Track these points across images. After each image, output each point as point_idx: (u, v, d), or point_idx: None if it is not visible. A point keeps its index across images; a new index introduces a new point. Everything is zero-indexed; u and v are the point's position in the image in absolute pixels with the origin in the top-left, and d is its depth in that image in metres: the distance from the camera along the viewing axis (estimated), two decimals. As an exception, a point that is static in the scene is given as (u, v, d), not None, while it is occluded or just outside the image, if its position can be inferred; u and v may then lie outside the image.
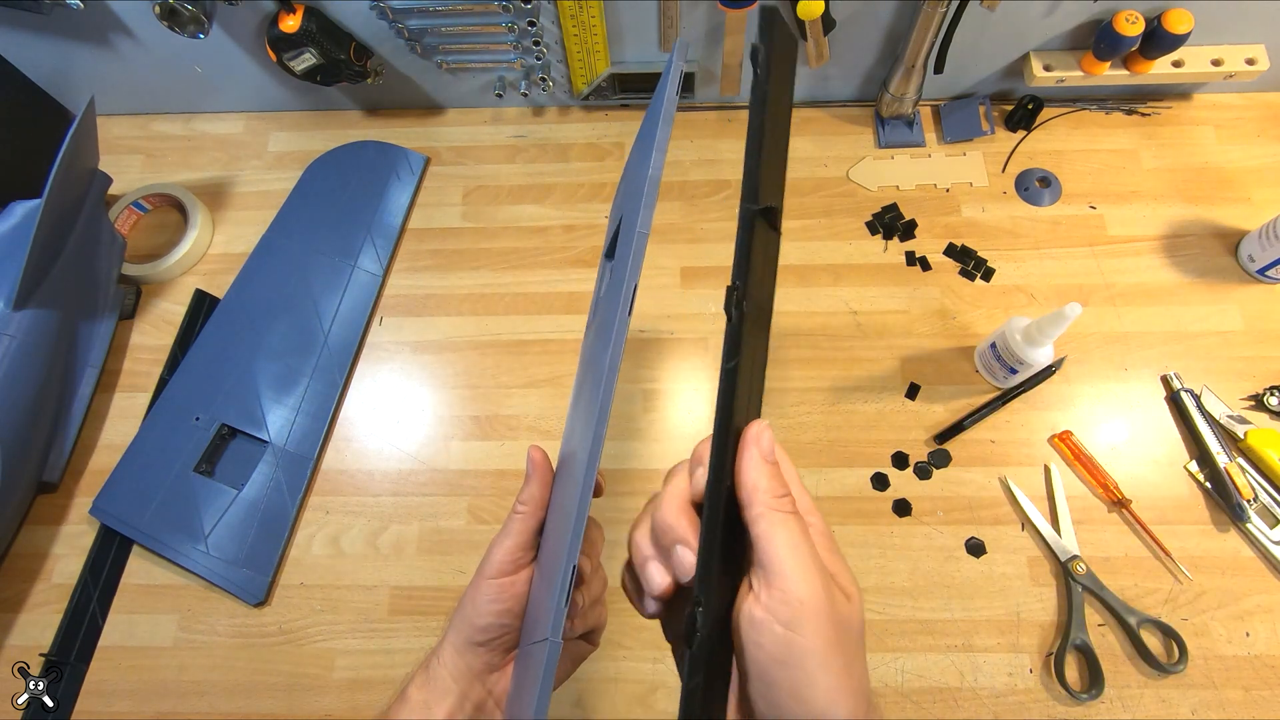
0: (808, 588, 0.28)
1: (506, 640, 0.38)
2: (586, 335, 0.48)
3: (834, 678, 0.27)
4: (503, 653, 0.38)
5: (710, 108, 0.80)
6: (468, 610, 0.38)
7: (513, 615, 0.37)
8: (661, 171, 0.31)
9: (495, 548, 0.38)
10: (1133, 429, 0.64)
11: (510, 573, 0.38)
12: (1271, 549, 0.59)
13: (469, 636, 0.37)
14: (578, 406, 0.40)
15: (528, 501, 0.39)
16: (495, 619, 0.37)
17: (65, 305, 0.67)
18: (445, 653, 0.38)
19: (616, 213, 0.47)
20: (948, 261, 0.72)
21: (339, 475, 0.66)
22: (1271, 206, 0.71)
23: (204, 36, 0.65)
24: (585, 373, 0.41)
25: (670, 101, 0.32)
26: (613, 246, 0.44)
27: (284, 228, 0.76)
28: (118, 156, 0.80)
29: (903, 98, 0.74)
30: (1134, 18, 0.65)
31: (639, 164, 0.36)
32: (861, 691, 0.28)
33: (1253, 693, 0.56)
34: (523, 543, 0.38)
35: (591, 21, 0.69)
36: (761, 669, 0.28)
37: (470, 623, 0.37)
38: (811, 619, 0.27)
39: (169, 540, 0.63)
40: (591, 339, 0.42)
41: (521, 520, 0.38)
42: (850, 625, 0.28)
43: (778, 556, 0.28)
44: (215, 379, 0.69)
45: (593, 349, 0.39)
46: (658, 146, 0.31)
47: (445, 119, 0.82)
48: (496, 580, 0.37)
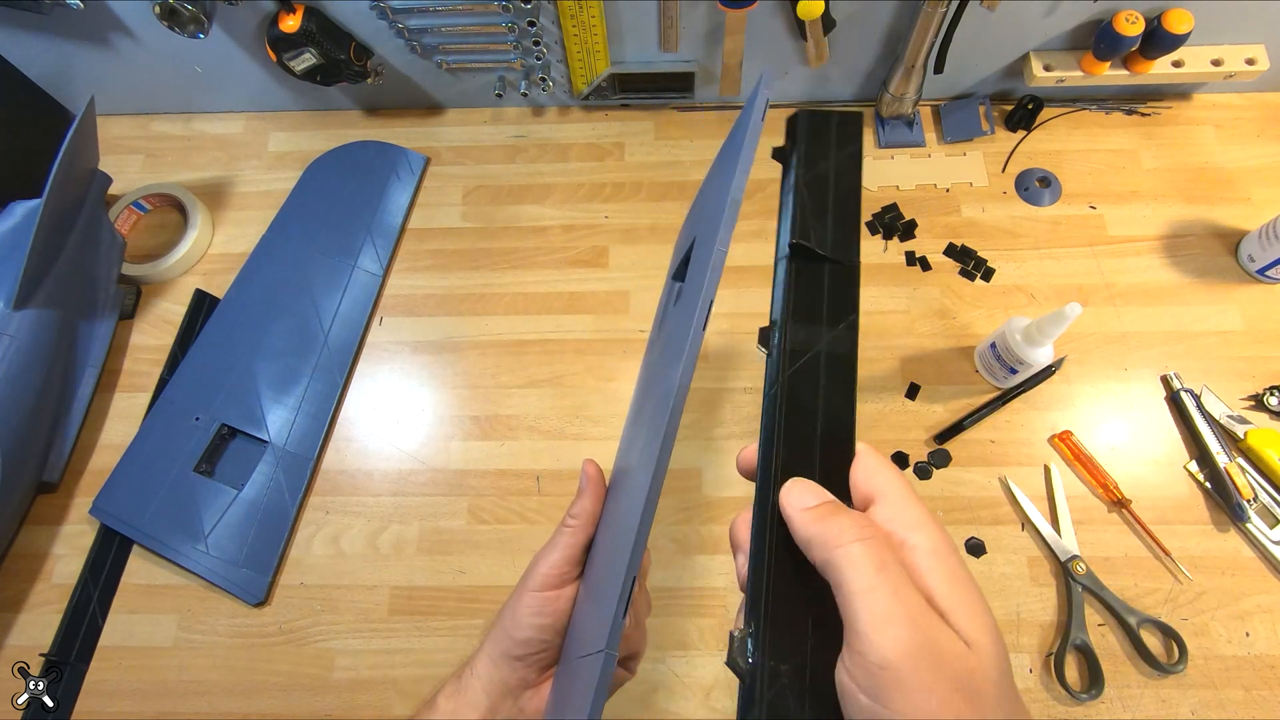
0: (892, 646, 0.22)
1: (544, 657, 0.36)
2: (650, 351, 0.48)
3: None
4: (539, 670, 0.37)
5: (710, 108, 0.80)
6: (507, 623, 0.36)
7: (554, 631, 0.36)
8: (742, 194, 0.31)
9: (541, 560, 0.37)
10: (1133, 429, 0.64)
11: (555, 587, 0.36)
12: (1271, 549, 0.59)
13: (506, 649, 0.36)
14: (639, 422, 0.39)
15: (579, 515, 0.37)
16: (536, 633, 0.36)
17: (65, 305, 0.67)
18: (480, 664, 0.37)
19: (687, 236, 0.47)
20: (948, 261, 0.72)
21: (339, 475, 0.66)
22: (1271, 206, 0.71)
23: (204, 36, 0.65)
24: (648, 388, 0.40)
25: (755, 128, 0.32)
26: (683, 269, 0.43)
27: (284, 228, 0.76)
28: (118, 156, 0.80)
29: (903, 98, 0.74)
30: (1134, 18, 0.65)
31: (718, 186, 0.37)
32: None
33: (1253, 693, 0.56)
34: (570, 556, 0.37)
35: (591, 21, 0.69)
36: None
37: (509, 635, 0.36)
38: (899, 687, 0.21)
39: (169, 540, 0.63)
40: (656, 355, 0.42)
41: (571, 534, 0.37)
42: (974, 682, 0.22)
43: (851, 608, 0.23)
44: (215, 379, 0.69)
45: (658, 365, 0.39)
46: (740, 169, 0.31)
47: (445, 119, 0.82)
48: (540, 594, 0.36)
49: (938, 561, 0.24)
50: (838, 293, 0.32)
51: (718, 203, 0.33)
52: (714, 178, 0.43)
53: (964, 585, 0.24)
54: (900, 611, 0.22)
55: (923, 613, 0.22)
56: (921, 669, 0.21)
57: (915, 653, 0.21)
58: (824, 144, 0.35)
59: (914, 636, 0.22)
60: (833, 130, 0.35)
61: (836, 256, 0.32)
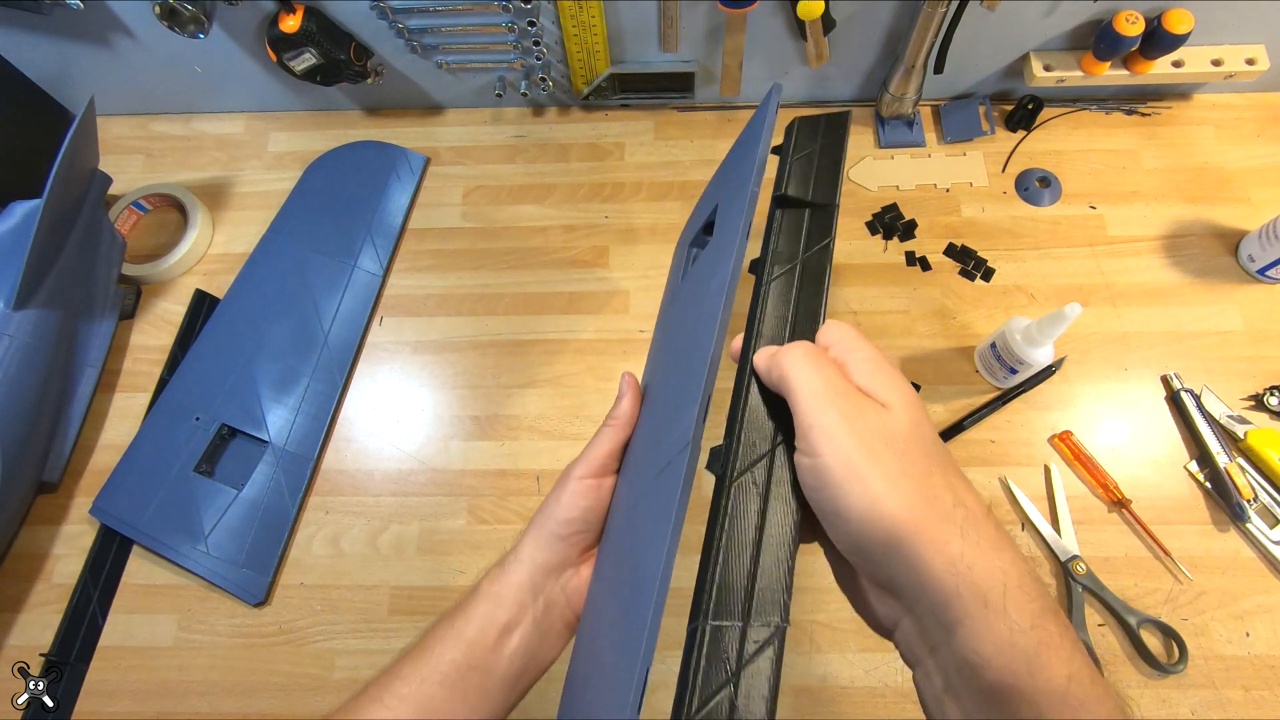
0: (819, 413, 0.28)
1: (585, 538, 0.40)
2: (671, 305, 0.54)
3: (870, 485, 0.26)
4: (580, 550, 0.40)
5: (710, 108, 0.80)
6: (553, 507, 0.40)
7: (596, 514, 0.40)
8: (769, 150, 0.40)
9: (590, 453, 0.41)
10: (1133, 429, 0.64)
11: (598, 476, 0.40)
12: (1271, 549, 0.59)
13: (553, 530, 0.40)
14: (670, 353, 0.45)
15: (619, 417, 0.42)
16: (580, 514, 0.39)
17: (65, 305, 0.67)
18: (524, 548, 0.40)
19: (705, 208, 0.53)
20: (948, 261, 0.72)
21: (339, 475, 0.66)
22: (1271, 206, 0.71)
23: (204, 36, 0.65)
24: (676, 330, 0.46)
25: (769, 127, 0.40)
26: (706, 230, 0.50)
27: (284, 228, 0.76)
28: (118, 156, 0.80)
29: (903, 98, 0.74)
30: (1134, 18, 0.65)
31: (740, 167, 0.44)
32: (924, 491, 0.26)
33: (1253, 693, 0.56)
34: (613, 451, 0.41)
35: (591, 21, 0.69)
36: (814, 506, 0.29)
37: (555, 517, 0.40)
38: (826, 440, 0.27)
39: (169, 540, 0.63)
40: (688, 290, 0.48)
41: (613, 432, 0.41)
42: (890, 433, 0.28)
43: (793, 399, 0.29)
44: (215, 379, 0.69)
45: (693, 292, 0.45)
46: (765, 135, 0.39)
47: (445, 119, 0.82)
48: (586, 480, 0.40)
49: (867, 364, 0.30)
50: (817, 227, 0.39)
51: (742, 171, 0.41)
52: (732, 164, 0.49)
53: (884, 371, 0.30)
54: (828, 390, 0.29)
55: (846, 389, 0.29)
56: (838, 426, 0.27)
57: (834, 415, 0.28)
58: (813, 133, 0.42)
59: (836, 402, 0.28)
60: (821, 125, 0.42)
61: (818, 201, 0.40)
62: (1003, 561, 0.26)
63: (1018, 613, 0.25)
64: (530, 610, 0.39)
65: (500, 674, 0.38)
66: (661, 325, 0.56)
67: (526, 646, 0.39)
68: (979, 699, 0.25)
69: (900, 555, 0.26)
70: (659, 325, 0.58)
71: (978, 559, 0.26)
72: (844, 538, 0.28)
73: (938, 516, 0.26)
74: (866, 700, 0.56)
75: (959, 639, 0.25)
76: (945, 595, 0.25)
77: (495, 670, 0.38)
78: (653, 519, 0.33)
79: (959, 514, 0.27)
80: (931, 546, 0.26)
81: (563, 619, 0.40)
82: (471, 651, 0.37)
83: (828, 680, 0.57)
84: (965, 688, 0.26)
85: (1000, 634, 0.25)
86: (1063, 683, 0.24)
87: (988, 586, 0.25)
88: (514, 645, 0.38)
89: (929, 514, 0.26)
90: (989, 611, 0.25)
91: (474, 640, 0.38)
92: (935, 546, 0.26)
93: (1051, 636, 0.25)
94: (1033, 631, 0.25)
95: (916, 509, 0.26)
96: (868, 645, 0.58)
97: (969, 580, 0.25)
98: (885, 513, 0.26)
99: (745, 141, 0.47)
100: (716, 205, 0.49)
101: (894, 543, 0.26)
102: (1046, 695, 0.24)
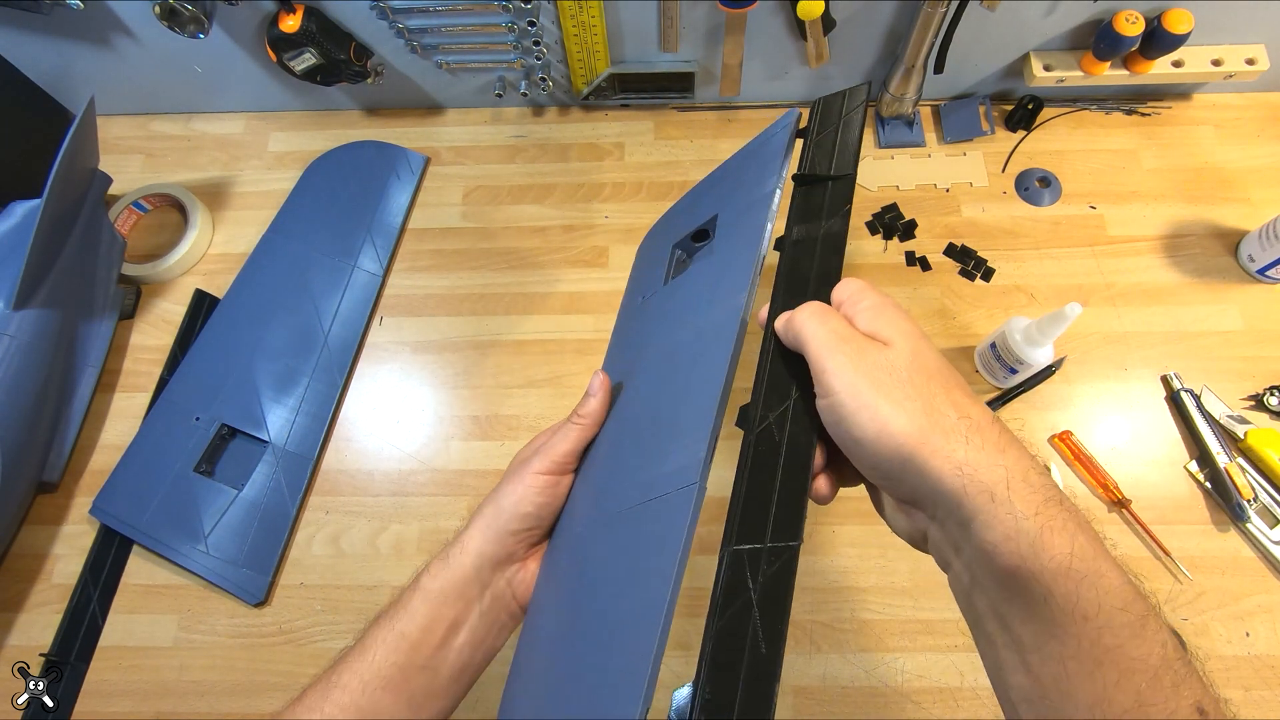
0: (828, 357, 0.31)
1: (536, 534, 0.41)
2: (646, 308, 0.54)
3: (878, 411, 0.29)
4: (528, 545, 0.41)
5: (710, 108, 0.80)
6: (506, 501, 0.40)
7: (551, 511, 0.41)
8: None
9: (551, 449, 0.41)
10: (1133, 429, 0.64)
11: (558, 474, 0.41)
12: (1271, 549, 0.59)
13: (505, 525, 0.40)
14: (654, 364, 0.45)
15: (587, 416, 0.42)
16: (535, 509, 0.40)
17: (65, 305, 0.67)
18: (471, 540, 0.40)
19: (699, 208, 0.53)
20: (948, 261, 0.72)
21: (339, 475, 0.66)
22: (1271, 206, 0.71)
23: (204, 36, 0.65)
24: (660, 339, 0.47)
25: (787, 153, 0.43)
26: (699, 236, 0.52)
27: (284, 228, 0.76)
28: (118, 156, 0.80)
29: (903, 98, 0.74)
30: (1134, 18, 0.65)
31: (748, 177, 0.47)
32: (928, 409, 0.29)
33: (1253, 693, 0.56)
34: (576, 451, 0.42)
35: (591, 21, 0.69)
36: (837, 441, 0.32)
37: (509, 511, 0.40)
38: (836, 379, 0.31)
39: (169, 540, 0.63)
40: (663, 323, 0.49)
41: (580, 431, 0.42)
42: (892, 364, 0.31)
43: (808, 351, 0.32)
44: (215, 379, 0.69)
45: (678, 336, 0.45)
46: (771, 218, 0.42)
47: (445, 119, 0.82)
48: (546, 476, 0.40)
49: (869, 311, 0.33)
50: (836, 197, 0.40)
51: (754, 217, 0.43)
52: (737, 183, 0.50)
53: (885, 314, 0.33)
54: (835, 337, 0.32)
55: (850, 334, 0.32)
56: (845, 366, 0.31)
57: (842, 357, 0.31)
58: (835, 112, 0.44)
59: (842, 347, 0.31)
60: (844, 100, 0.44)
61: (838, 174, 0.41)
62: (1006, 460, 0.28)
63: (1021, 503, 0.27)
64: (476, 605, 0.39)
65: (447, 671, 0.38)
66: (632, 324, 0.55)
67: (473, 640, 0.39)
68: (996, 584, 0.28)
69: (913, 468, 0.29)
70: (625, 321, 0.58)
71: (981, 461, 0.28)
72: (865, 461, 0.31)
73: (942, 430, 0.29)
74: (866, 700, 0.56)
75: (974, 533, 0.28)
76: (956, 496, 0.28)
77: (442, 668, 0.38)
78: (646, 553, 0.34)
79: (963, 425, 0.29)
80: (938, 456, 0.28)
81: (508, 611, 0.40)
82: (416, 652, 0.37)
83: (828, 680, 0.57)
84: (986, 577, 0.28)
85: (1006, 523, 0.27)
86: (1065, 559, 0.26)
87: (992, 483, 0.28)
88: (461, 641, 0.38)
89: (933, 429, 0.29)
90: (996, 504, 0.27)
91: (419, 641, 0.37)
92: (942, 455, 0.28)
93: (1053, 520, 0.27)
94: (1035, 518, 0.27)
95: (922, 426, 0.29)
96: (867, 645, 0.58)
97: (975, 480, 0.28)
98: (894, 432, 0.29)
99: (753, 163, 0.48)
100: (716, 215, 0.49)
101: (906, 457, 0.29)
102: (1051, 572, 0.26)
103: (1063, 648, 0.26)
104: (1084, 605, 0.26)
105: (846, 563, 0.60)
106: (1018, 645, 0.28)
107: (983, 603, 0.29)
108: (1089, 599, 0.26)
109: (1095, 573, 0.27)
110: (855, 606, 0.59)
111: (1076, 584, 0.26)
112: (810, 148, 0.43)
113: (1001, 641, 0.29)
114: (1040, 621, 0.27)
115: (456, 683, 0.39)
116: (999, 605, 0.28)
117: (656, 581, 0.32)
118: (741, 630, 0.30)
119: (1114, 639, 0.26)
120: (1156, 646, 0.26)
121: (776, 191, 0.42)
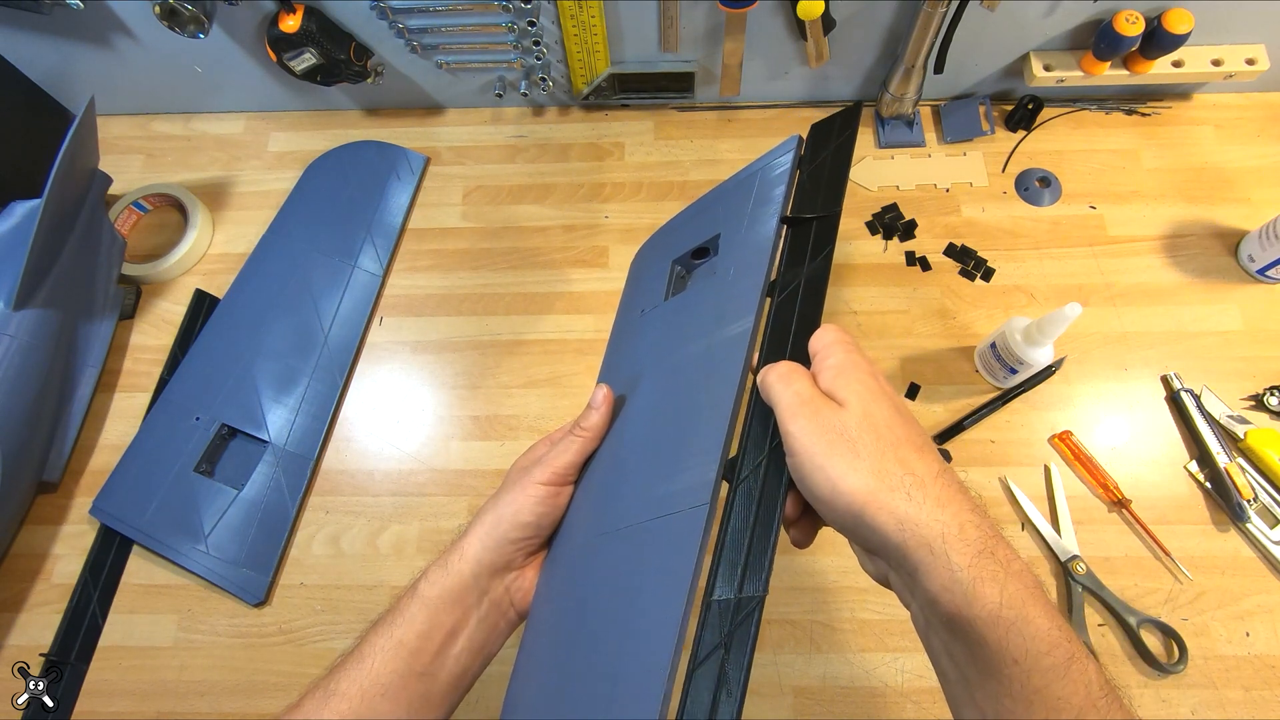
0: (790, 420, 0.34)
1: (534, 543, 0.42)
2: (645, 320, 0.54)
3: (830, 471, 0.32)
4: (526, 554, 0.42)
5: (710, 108, 0.80)
6: (506, 510, 0.41)
7: (550, 521, 0.42)
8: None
9: (552, 460, 0.42)
10: (1133, 429, 0.64)
11: (559, 484, 0.42)
12: (1271, 549, 0.59)
13: (505, 533, 0.40)
14: (658, 383, 0.46)
15: (590, 429, 0.43)
16: (535, 519, 0.41)
17: (65, 305, 0.67)
18: (470, 548, 0.40)
19: (700, 224, 0.54)
20: (948, 261, 0.72)
21: (339, 475, 0.66)
22: (1271, 206, 0.71)
23: (204, 36, 0.65)
24: (663, 358, 0.47)
25: (791, 176, 0.45)
26: (698, 253, 0.52)
27: (284, 228, 0.76)
28: (118, 156, 0.80)
29: (903, 98, 0.74)
30: (1134, 18, 0.65)
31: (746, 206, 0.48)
32: (875, 469, 0.31)
33: (1253, 693, 0.56)
34: (578, 463, 0.42)
35: (591, 21, 0.69)
36: (804, 494, 0.34)
37: (509, 520, 0.40)
38: (795, 440, 0.33)
39: (169, 540, 0.63)
40: (666, 340, 0.49)
41: (582, 444, 0.42)
42: (844, 426, 0.33)
43: (777, 413, 0.35)
44: (215, 379, 0.69)
45: (682, 359, 0.45)
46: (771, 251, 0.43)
47: (445, 119, 0.82)
48: (548, 486, 0.41)
49: (831, 370, 0.35)
50: (821, 235, 0.41)
51: (757, 253, 0.44)
52: (742, 206, 0.50)
53: (844, 374, 0.35)
54: (795, 399, 0.34)
55: (810, 396, 0.34)
56: (805, 429, 0.33)
57: (802, 419, 0.33)
58: (825, 140, 0.43)
59: (803, 410, 0.34)
60: (836, 125, 0.44)
61: (824, 212, 0.42)
62: (944, 515, 0.30)
63: (957, 555, 0.29)
64: (475, 612, 0.39)
65: (445, 677, 0.38)
66: (631, 338, 0.55)
67: (471, 647, 0.39)
68: (942, 628, 0.31)
69: (864, 523, 0.31)
70: (622, 333, 0.58)
71: (922, 516, 0.30)
72: (826, 515, 0.34)
73: (887, 487, 0.31)
74: (866, 700, 0.56)
75: (919, 583, 0.30)
76: (902, 549, 0.30)
77: (440, 674, 0.38)
78: (656, 570, 0.35)
79: (906, 481, 0.31)
80: (883, 512, 0.31)
81: (506, 617, 0.41)
82: (415, 659, 0.38)
83: (828, 680, 0.57)
84: (934, 621, 0.31)
85: (944, 574, 0.29)
86: (994, 608, 0.29)
87: (931, 537, 0.30)
88: (459, 648, 0.39)
89: (880, 486, 0.31)
90: (934, 557, 0.30)
91: (417, 648, 0.38)
92: (886, 511, 0.31)
93: (984, 571, 0.29)
94: (969, 569, 0.29)
95: (869, 484, 0.31)
96: (867, 645, 0.58)
97: (915, 534, 0.30)
98: (844, 491, 0.31)
99: (754, 187, 0.49)
100: (719, 234, 0.49)
101: (856, 513, 0.31)
102: (983, 620, 0.29)
103: (999, 687, 0.29)
104: (1012, 650, 0.28)
105: (846, 563, 0.60)
106: (966, 682, 0.30)
107: (936, 642, 0.32)
108: (1017, 644, 0.28)
109: (1023, 619, 0.29)
110: (855, 606, 0.59)
111: (1005, 630, 0.28)
112: (794, 185, 0.44)
113: (954, 677, 0.31)
114: (979, 663, 0.29)
115: (454, 688, 0.39)
116: (949, 645, 0.31)
117: (669, 598, 0.33)
118: (710, 677, 0.32)
119: (1041, 680, 0.28)
120: (1081, 686, 0.28)
121: (778, 228, 0.43)
